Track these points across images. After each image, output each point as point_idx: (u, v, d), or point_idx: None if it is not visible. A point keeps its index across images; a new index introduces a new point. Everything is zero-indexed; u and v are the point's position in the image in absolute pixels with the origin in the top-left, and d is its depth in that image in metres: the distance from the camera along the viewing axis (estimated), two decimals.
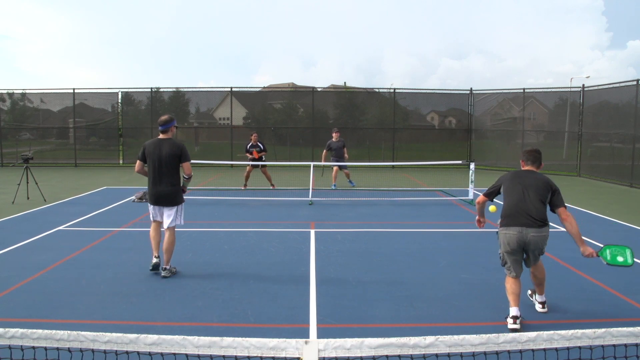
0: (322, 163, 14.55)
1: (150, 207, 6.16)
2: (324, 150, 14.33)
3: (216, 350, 1.98)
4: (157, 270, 6.04)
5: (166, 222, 6.06)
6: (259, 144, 13.67)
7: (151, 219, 6.19)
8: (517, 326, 4.48)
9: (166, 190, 6.00)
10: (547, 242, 4.66)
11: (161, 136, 6.23)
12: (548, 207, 4.72)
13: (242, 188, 13.53)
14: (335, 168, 14.15)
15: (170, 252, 6.02)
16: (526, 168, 4.96)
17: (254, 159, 13.60)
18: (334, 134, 14.17)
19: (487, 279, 5.98)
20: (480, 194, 5.20)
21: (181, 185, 6.18)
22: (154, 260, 6.07)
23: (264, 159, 13.76)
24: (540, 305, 4.99)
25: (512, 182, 4.80)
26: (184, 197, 6.25)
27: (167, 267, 5.98)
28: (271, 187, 13.63)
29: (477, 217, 5.25)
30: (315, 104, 21.48)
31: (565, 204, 4.68)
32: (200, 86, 41.18)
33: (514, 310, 4.55)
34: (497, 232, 4.82)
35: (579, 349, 2.15)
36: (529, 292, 5.24)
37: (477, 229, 5.51)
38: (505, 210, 4.75)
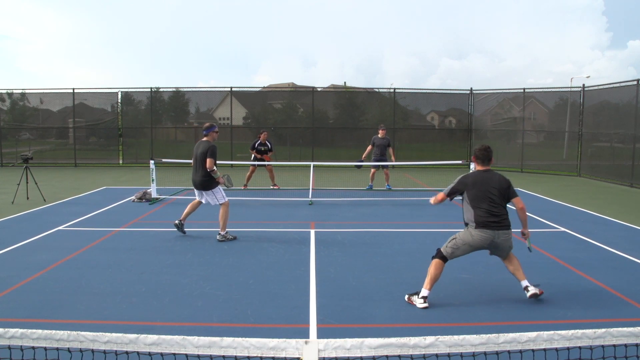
0: (364, 158, 13.91)
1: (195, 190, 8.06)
2: (369, 146, 13.85)
3: (216, 350, 1.98)
4: (177, 230, 8.03)
5: (212, 201, 7.88)
6: (267, 143, 13.55)
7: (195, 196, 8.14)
8: (426, 305, 4.97)
9: (198, 179, 7.77)
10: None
11: (203, 138, 7.86)
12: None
13: (242, 187, 13.44)
14: (373, 169, 13.71)
15: (223, 221, 7.71)
16: (482, 168, 5.21)
17: (261, 159, 13.48)
18: (380, 131, 13.57)
19: (487, 279, 5.98)
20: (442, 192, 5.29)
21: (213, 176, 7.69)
22: (176, 221, 8.08)
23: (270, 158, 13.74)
24: (533, 287, 5.10)
25: (477, 188, 5.05)
26: (220, 184, 7.79)
27: (222, 233, 7.73)
28: (274, 187, 13.58)
29: (431, 201, 5.41)
30: (315, 104, 21.48)
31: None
32: (200, 86, 41.23)
33: (425, 292, 5.04)
34: (467, 227, 5.10)
35: (579, 349, 2.15)
36: (526, 290, 5.14)
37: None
38: (478, 217, 4.99)
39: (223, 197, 7.82)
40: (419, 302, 5.01)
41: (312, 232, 8.41)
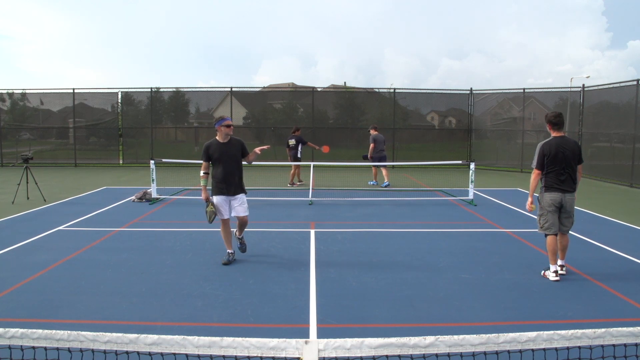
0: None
1: None
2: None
3: (216, 350, 1.98)
4: (229, 260, 6.61)
5: (241, 211, 6.67)
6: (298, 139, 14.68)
7: None
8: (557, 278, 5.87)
9: (236, 181, 6.60)
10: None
11: (218, 137, 6.67)
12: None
13: (289, 185, 14.48)
14: (384, 169, 14.46)
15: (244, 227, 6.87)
16: (558, 134, 6.09)
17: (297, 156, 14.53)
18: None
19: (487, 279, 5.99)
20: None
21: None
22: (229, 258, 6.64)
23: (300, 155, 14.73)
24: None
25: (556, 153, 5.96)
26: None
27: (239, 236, 6.86)
28: (297, 183, 14.67)
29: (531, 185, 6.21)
30: (315, 104, 21.48)
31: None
32: (200, 86, 41.18)
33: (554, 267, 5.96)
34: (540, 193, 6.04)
35: (579, 349, 2.16)
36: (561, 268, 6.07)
37: (477, 229, 5.54)
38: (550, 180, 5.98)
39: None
40: (551, 276, 5.91)
41: (312, 232, 8.41)
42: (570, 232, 6.19)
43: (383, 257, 6.91)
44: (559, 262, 6.03)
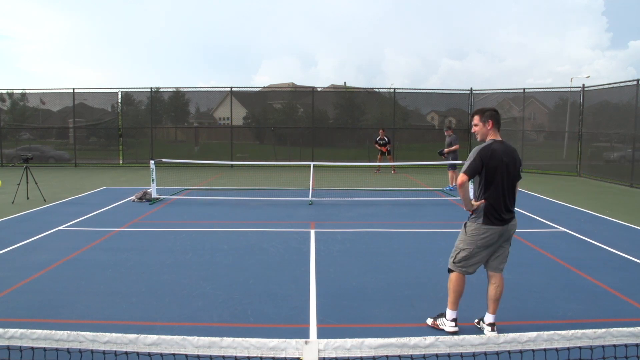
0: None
1: None
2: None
3: (216, 351, 1.98)
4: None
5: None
6: (385, 138, 18.37)
7: None
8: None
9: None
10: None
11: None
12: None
13: (375, 172, 18.55)
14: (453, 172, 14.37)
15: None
16: (498, 138, 4.45)
17: (381, 151, 18.42)
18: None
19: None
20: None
21: None
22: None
23: (389, 149, 18.57)
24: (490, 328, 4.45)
25: (496, 164, 4.28)
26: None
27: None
28: (393, 172, 18.35)
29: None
30: (315, 104, 21.47)
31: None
32: (200, 86, 41.18)
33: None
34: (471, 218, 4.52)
35: (579, 349, 2.15)
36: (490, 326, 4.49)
37: None
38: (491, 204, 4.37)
39: None
40: (447, 326, 4.52)
41: (312, 232, 8.41)
42: (570, 232, 6.13)
43: (383, 257, 6.91)
44: (489, 318, 4.41)
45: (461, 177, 4.30)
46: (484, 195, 4.30)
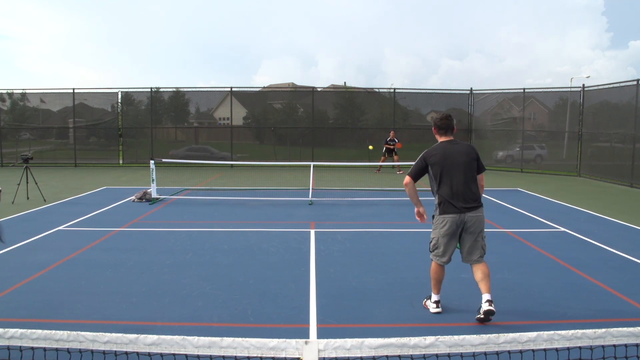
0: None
1: None
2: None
3: (216, 351, 1.98)
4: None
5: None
6: (395, 139, 18.79)
7: None
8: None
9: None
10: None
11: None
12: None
13: (376, 172, 18.65)
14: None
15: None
16: (446, 139, 4.87)
17: (389, 151, 18.78)
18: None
19: None
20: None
21: None
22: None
23: (396, 150, 18.70)
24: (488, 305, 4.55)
25: (443, 163, 4.81)
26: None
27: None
28: (399, 172, 18.29)
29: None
30: (315, 104, 21.48)
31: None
32: (200, 86, 41.16)
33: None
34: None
35: (579, 349, 2.15)
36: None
37: None
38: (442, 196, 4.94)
39: None
40: (432, 307, 4.89)
41: (312, 232, 8.41)
42: (570, 232, 6.13)
43: (383, 257, 6.91)
44: (485, 296, 4.55)
45: (405, 178, 4.87)
46: (438, 190, 4.77)
